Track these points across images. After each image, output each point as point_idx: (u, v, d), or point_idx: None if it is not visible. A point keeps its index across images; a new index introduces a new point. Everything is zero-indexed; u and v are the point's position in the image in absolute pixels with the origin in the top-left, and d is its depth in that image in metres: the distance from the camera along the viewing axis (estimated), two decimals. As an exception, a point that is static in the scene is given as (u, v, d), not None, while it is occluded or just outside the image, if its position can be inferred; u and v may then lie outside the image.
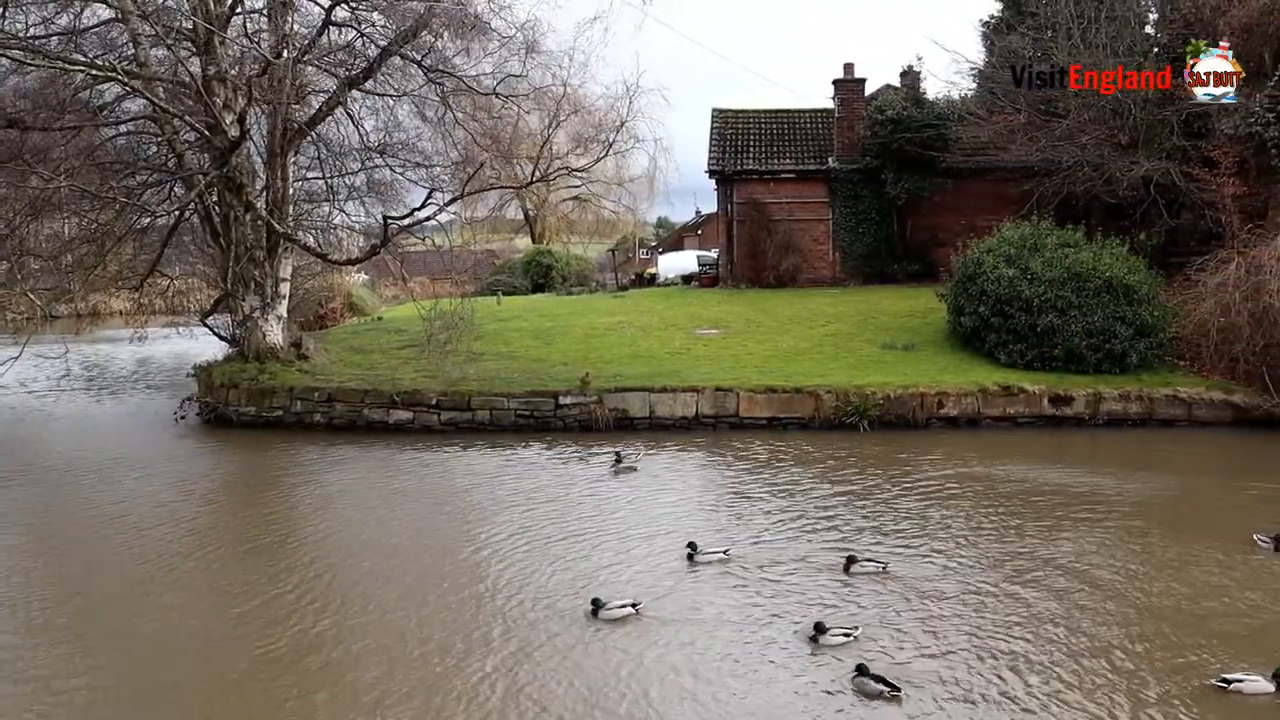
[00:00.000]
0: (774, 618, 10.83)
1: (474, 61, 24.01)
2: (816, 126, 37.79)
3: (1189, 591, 11.48)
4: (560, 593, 11.67)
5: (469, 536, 14.06)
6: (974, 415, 21.09)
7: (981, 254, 23.87)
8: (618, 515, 14.95)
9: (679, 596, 11.52)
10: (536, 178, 26.46)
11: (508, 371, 23.16)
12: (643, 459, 18.17)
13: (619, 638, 10.38)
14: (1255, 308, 20.89)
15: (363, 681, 9.48)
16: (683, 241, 70.58)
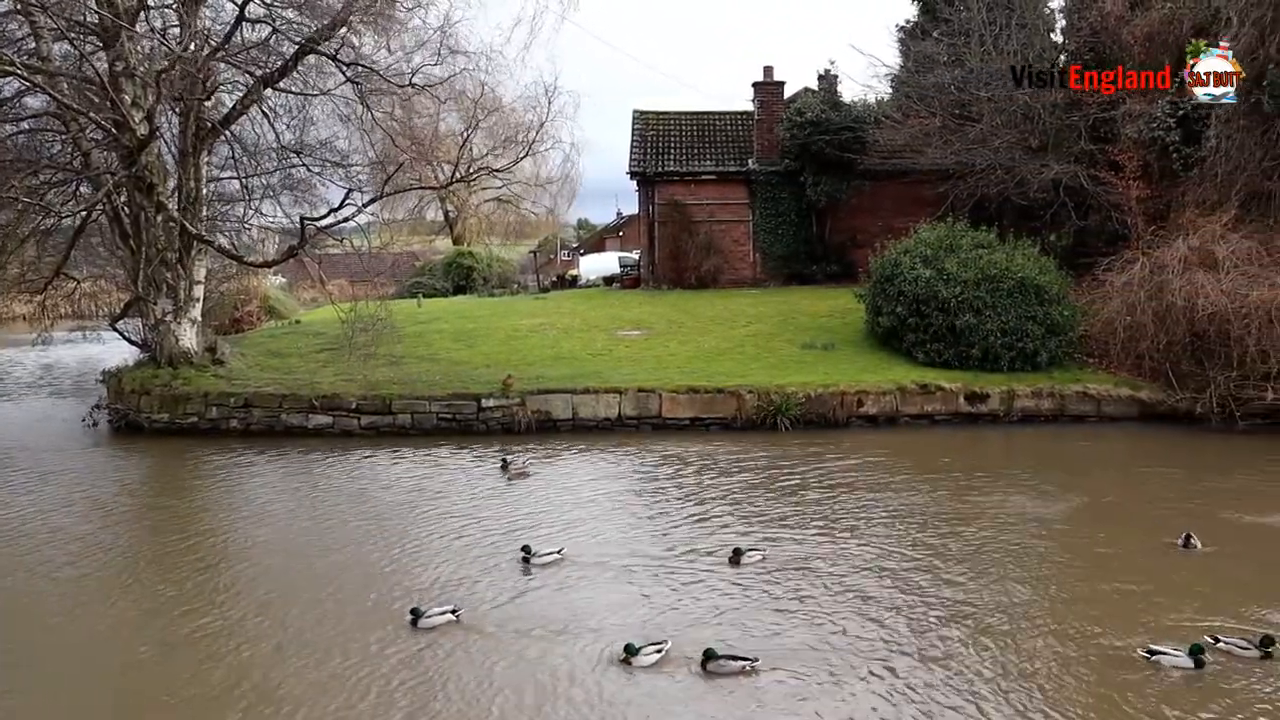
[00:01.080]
0: (591, 632, 10.44)
1: (393, 60, 23.77)
2: (737, 128, 38.11)
3: (1086, 577, 11.91)
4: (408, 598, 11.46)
5: (347, 540, 13.83)
6: (893, 413, 21.45)
7: (899, 255, 24.30)
8: (504, 518, 14.68)
9: (511, 601, 11.37)
10: (456, 178, 26.27)
11: (429, 374, 22.91)
12: (530, 463, 17.87)
13: (428, 644, 10.23)
14: (1159, 306, 21.61)
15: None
16: (604, 243, 70.55)
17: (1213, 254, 21.47)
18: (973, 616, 10.72)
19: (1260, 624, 10.32)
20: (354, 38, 22.90)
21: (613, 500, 15.78)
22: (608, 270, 47.03)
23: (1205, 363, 21.11)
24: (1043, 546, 13.21)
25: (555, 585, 11.84)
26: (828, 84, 36.31)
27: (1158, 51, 25.60)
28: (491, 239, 61.09)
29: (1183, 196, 23.95)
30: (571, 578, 12.09)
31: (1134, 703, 8.76)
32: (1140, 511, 14.89)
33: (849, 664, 9.61)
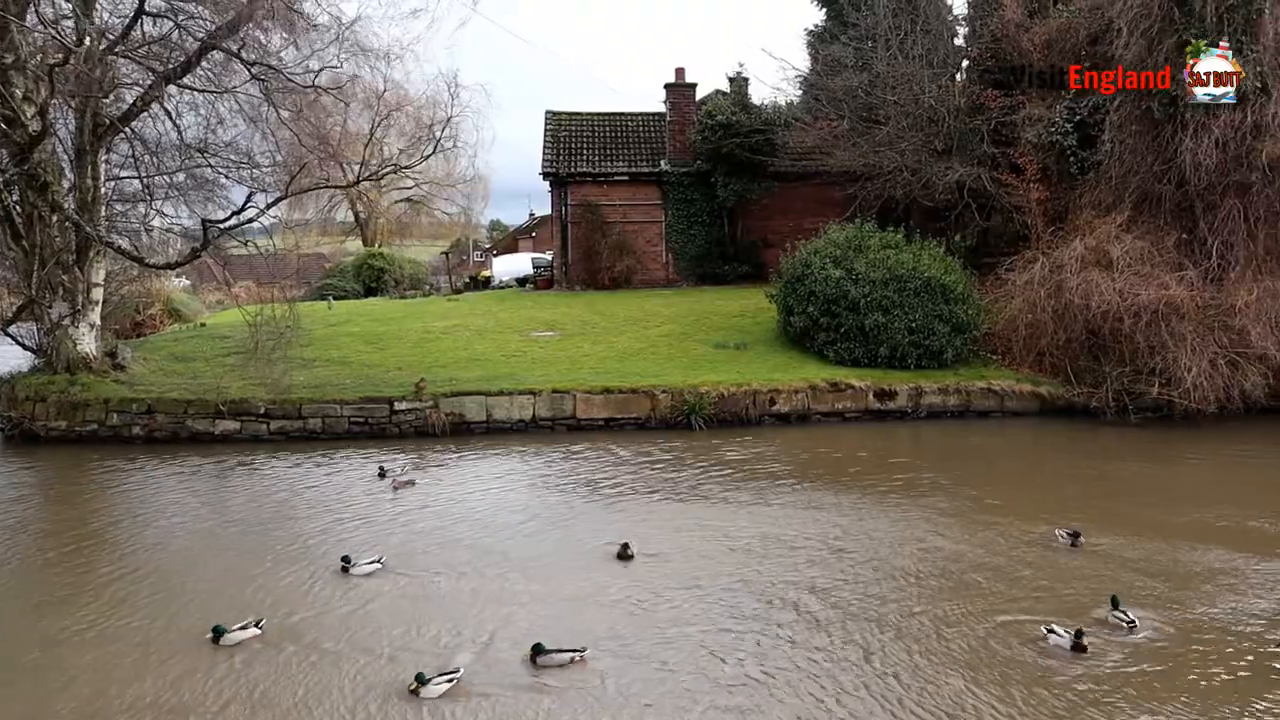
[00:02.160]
0: (400, 652, 10.01)
1: (300, 58, 23.32)
2: (649, 130, 38.28)
3: (960, 562, 12.36)
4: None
5: (198, 552, 13.43)
6: (804, 411, 21.78)
7: (809, 255, 24.67)
8: (372, 527, 14.40)
9: (330, 615, 11.00)
10: (364, 177, 25.89)
11: (340, 378, 22.58)
12: (408, 468, 17.49)
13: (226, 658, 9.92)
14: (1058, 305, 22.38)
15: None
16: (517, 244, 70.33)
17: (1108, 254, 22.26)
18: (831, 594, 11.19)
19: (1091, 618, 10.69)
20: (259, 34, 22.42)
21: (496, 505, 15.46)
22: (521, 271, 46.85)
23: (1101, 359, 21.90)
24: (928, 537, 13.54)
25: (365, 599, 11.38)
26: (738, 86, 36.68)
27: (1055, 58, 26.41)
28: (403, 240, 60.44)
29: (1080, 198, 24.75)
30: (392, 589, 11.72)
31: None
32: (1032, 504, 15.32)
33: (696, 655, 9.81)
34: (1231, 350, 20.89)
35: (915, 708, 8.71)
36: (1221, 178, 22.15)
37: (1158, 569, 12.18)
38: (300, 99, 22.90)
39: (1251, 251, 22.09)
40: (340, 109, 24.50)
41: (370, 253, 53.71)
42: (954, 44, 31.61)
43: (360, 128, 27.42)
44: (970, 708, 8.67)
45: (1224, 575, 11.97)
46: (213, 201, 24.80)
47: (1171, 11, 22.94)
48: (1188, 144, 22.12)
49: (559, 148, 37.31)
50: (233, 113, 24.03)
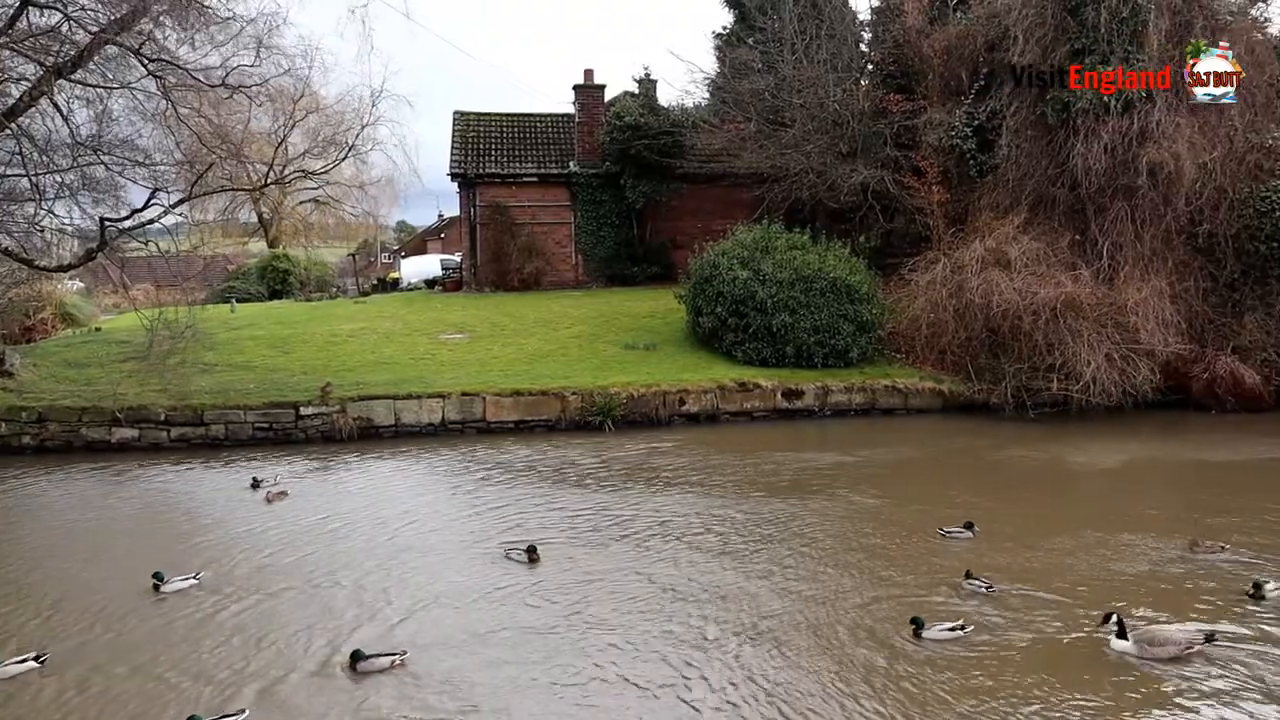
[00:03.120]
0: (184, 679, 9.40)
1: (201, 54, 22.68)
2: (558, 131, 38.19)
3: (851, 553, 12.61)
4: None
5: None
6: (713, 411, 21.96)
7: (717, 256, 24.89)
8: (230, 540, 13.86)
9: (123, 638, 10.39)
10: (271, 180, 25.36)
11: (243, 382, 22.06)
12: (280, 478, 16.82)
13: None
14: (959, 304, 22.97)
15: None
16: (426, 245, 69.56)
17: (1006, 254, 22.91)
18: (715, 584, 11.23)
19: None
20: (158, 30, 21.75)
21: (369, 516, 14.92)
22: (429, 273, 46.39)
23: (1000, 356, 22.51)
24: (821, 530, 13.80)
25: (167, 620, 10.81)
26: (646, 88, 36.83)
27: (955, 64, 27.09)
28: (309, 241, 59.30)
29: (979, 201, 25.41)
30: (195, 610, 11.09)
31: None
32: (928, 499, 15.68)
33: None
34: (1124, 346, 21.66)
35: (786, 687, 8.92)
36: (1110, 181, 22.98)
37: (1033, 550, 12.78)
38: (202, 96, 22.32)
39: (1139, 252, 22.94)
40: (244, 106, 23.93)
41: (275, 254, 52.57)
42: (858, 49, 32.21)
43: (264, 127, 26.88)
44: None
45: (1099, 550, 12.69)
46: (106, 202, 24.00)
47: (1065, 21, 23.73)
48: (1079, 149, 22.90)
49: (467, 148, 37.01)
50: (129, 109, 23.32)
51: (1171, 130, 22.66)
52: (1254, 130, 23.86)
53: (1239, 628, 10.19)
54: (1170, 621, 10.15)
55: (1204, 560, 12.30)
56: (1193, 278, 23.39)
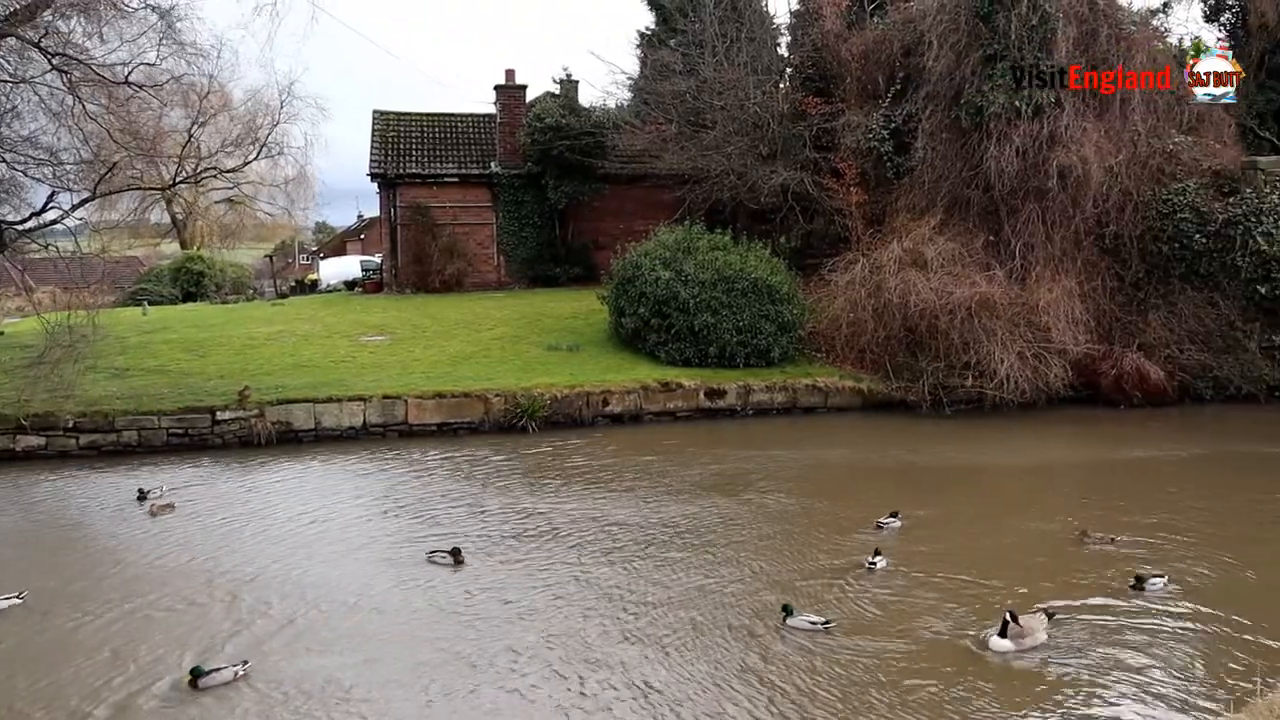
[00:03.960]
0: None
1: (109, 49, 22.07)
2: (479, 131, 37.95)
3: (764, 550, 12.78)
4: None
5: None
6: (637, 411, 22.01)
7: (639, 257, 24.95)
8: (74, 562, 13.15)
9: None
10: (181, 179, 24.78)
11: (157, 387, 21.45)
12: (165, 490, 15.99)
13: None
14: (877, 304, 23.36)
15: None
16: (345, 246, 68.67)
17: (923, 255, 23.35)
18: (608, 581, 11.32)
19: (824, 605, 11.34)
20: (62, 23, 21.09)
21: (266, 521, 14.56)
22: (349, 274, 45.81)
23: (918, 355, 22.93)
24: (730, 528, 13.98)
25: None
26: (567, 89, 36.81)
27: (872, 68, 27.54)
28: (223, 242, 58.13)
29: (896, 202, 25.86)
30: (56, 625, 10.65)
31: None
32: (842, 495, 16.00)
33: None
34: (1037, 345, 22.23)
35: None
36: (1022, 184, 23.57)
37: (937, 540, 13.22)
38: (110, 92, 21.71)
39: (1050, 253, 23.57)
40: (153, 104, 23.34)
41: (189, 256, 51.44)
42: (777, 52, 32.57)
43: (174, 124, 26.26)
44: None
45: (1000, 538, 13.17)
46: (8, 203, 23.24)
47: (977, 28, 24.30)
48: (992, 152, 23.47)
49: (387, 148, 36.59)
50: (33, 106, 22.60)
51: (1079, 135, 23.34)
52: (1156, 135, 24.67)
53: (1110, 617, 10.54)
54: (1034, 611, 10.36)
55: (1095, 550, 12.74)
56: (1100, 277, 24.11)
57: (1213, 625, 10.31)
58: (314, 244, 79.97)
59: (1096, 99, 24.33)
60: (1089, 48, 24.45)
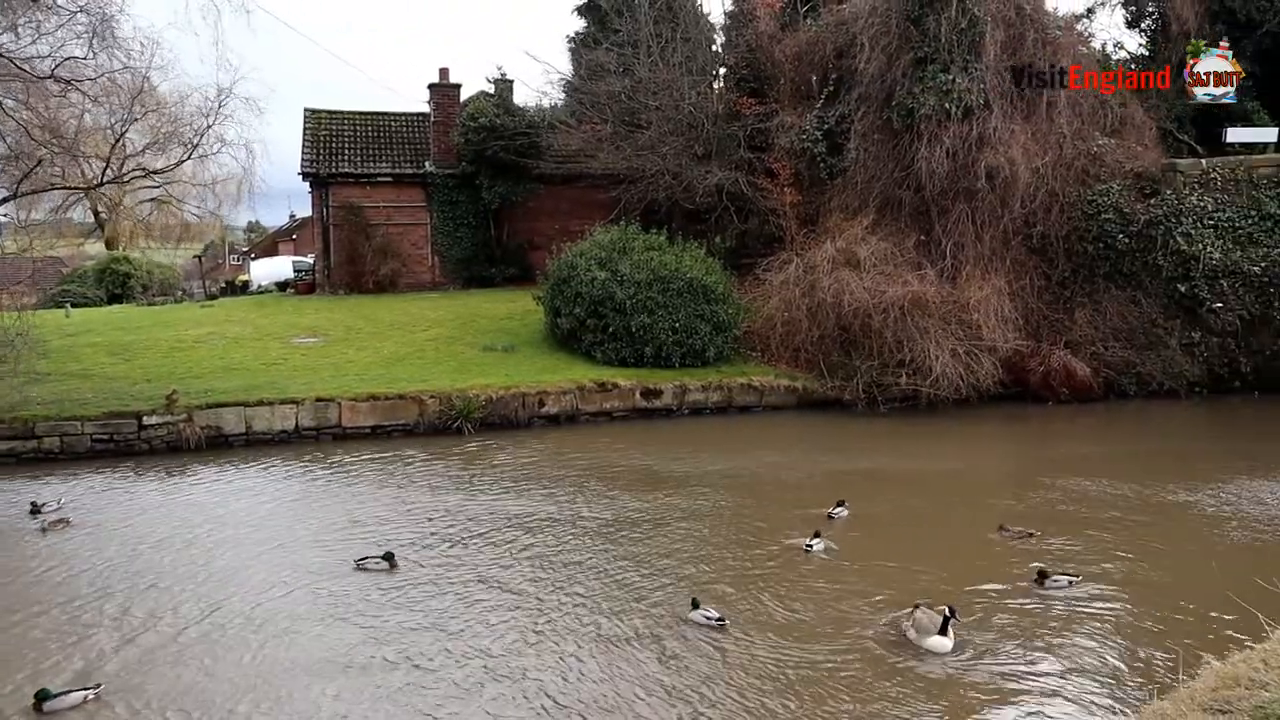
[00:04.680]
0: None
1: (26, 42, 21.40)
2: (413, 131, 37.56)
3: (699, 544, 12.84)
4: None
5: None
6: (573, 412, 21.93)
7: (575, 257, 24.89)
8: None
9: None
10: (107, 178, 24.14)
11: (80, 392, 20.86)
12: (63, 504, 15.23)
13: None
14: (811, 303, 23.56)
15: None
16: (277, 247, 67.58)
17: (856, 255, 23.60)
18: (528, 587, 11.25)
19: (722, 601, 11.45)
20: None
21: (181, 528, 14.14)
22: (281, 275, 45.16)
23: (852, 353, 23.16)
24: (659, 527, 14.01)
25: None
26: (502, 88, 36.58)
27: (805, 69, 27.78)
28: (151, 243, 56.81)
29: (830, 202, 26.11)
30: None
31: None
32: (775, 492, 16.13)
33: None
34: (968, 342, 22.58)
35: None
36: (952, 184, 23.92)
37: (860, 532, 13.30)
38: (30, 88, 21.09)
39: (979, 252, 23.95)
40: (78, 100, 22.71)
41: (114, 257, 50.16)
42: (712, 53, 32.70)
43: (102, 122, 25.56)
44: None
45: (921, 530, 13.15)
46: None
47: (908, 30, 24.62)
48: (923, 153, 23.77)
49: (319, 147, 36.06)
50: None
51: (1007, 136, 23.74)
52: (1081, 138, 25.19)
53: (1019, 614, 10.75)
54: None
55: (1013, 545, 13.00)
56: (1028, 276, 24.56)
57: (1130, 617, 10.58)
58: (245, 244, 78.60)
59: (1024, 101, 24.80)
60: (1016, 51, 24.89)
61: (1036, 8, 25.86)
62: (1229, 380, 24.33)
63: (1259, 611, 8.20)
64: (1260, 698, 5.21)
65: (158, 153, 26.46)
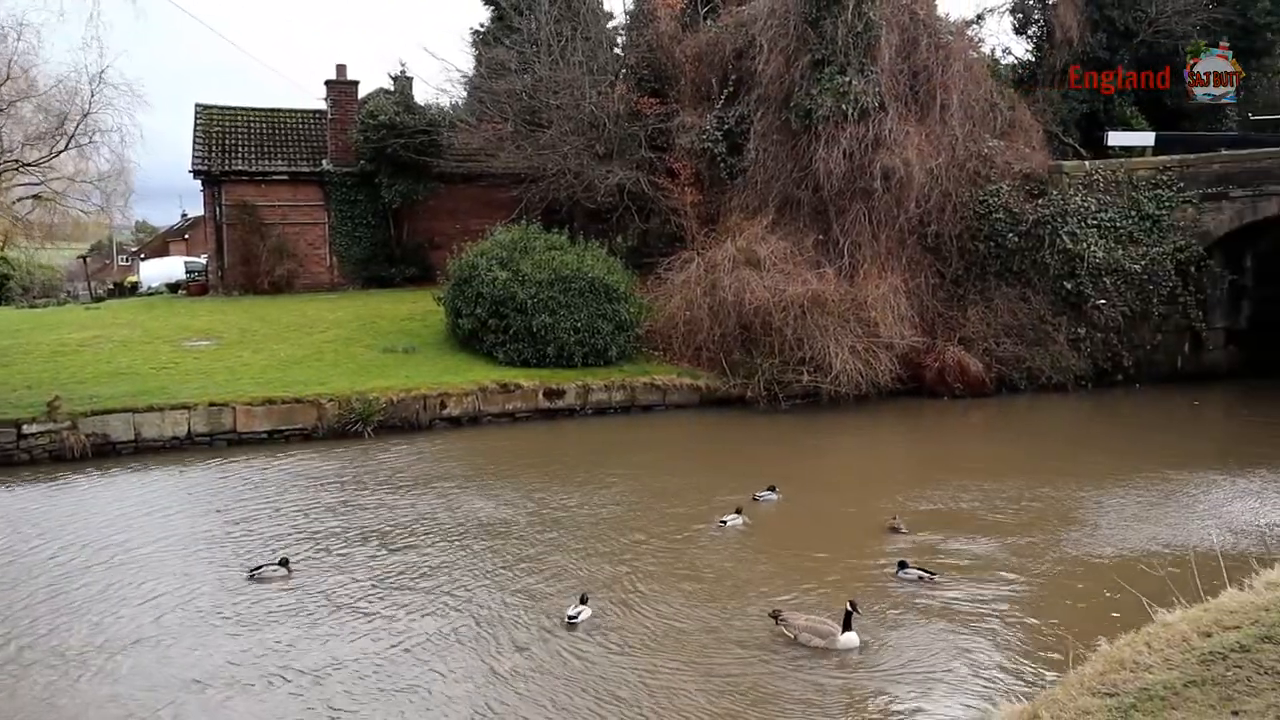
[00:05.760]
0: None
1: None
2: (310, 128, 36.79)
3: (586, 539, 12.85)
4: None
5: None
6: (475, 413, 21.72)
7: (476, 257, 24.65)
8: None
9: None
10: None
11: (-49, 399, 19.95)
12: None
13: None
14: (713, 302, 23.74)
15: None
16: (169, 247, 65.63)
17: (756, 254, 23.86)
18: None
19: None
20: None
21: (47, 543, 13.40)
22: (172, 276, 43.89)
23: (753, 351, 23.41)
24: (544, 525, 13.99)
25: None
26: (402, 86, 36.05)
27: (705, 70, 28.00)
28: (30, 242, 54.63)
29: (730, 202, 26.37)
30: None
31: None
32: (675, 491, 16.05)
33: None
34: (866, 340, 23.01)
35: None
36: (850, 184, 24.35)
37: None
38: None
39: (876, 251, 24.43)
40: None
41: (-9, 257, 48.19)
42: (613, 52, 32.72)
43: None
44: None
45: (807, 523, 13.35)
46: None
47: (806, 33, 24.99)
48: (821, 153, 24.15)
49: (212, 144, 35.07)
50: None
51: (902, 138, 24.26)
52: (973, 140, 25.89)
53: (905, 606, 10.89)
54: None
55: (901, 536, 13.27)
56: (924, 274, 25.15)
57: (1023, 607, 10.81)
58: (134, 244, 76.18)
59: (918, 104, 25.38)
60: (910, 55, 25.48)
61: (929, 13, 26.53)
62: (1112, 374, 25.31)
63: (1143, 596, 8.49)
64: (1144, 680, 5.37)
65: (33, 145, 25.46)
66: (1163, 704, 4.99)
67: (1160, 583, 9.53)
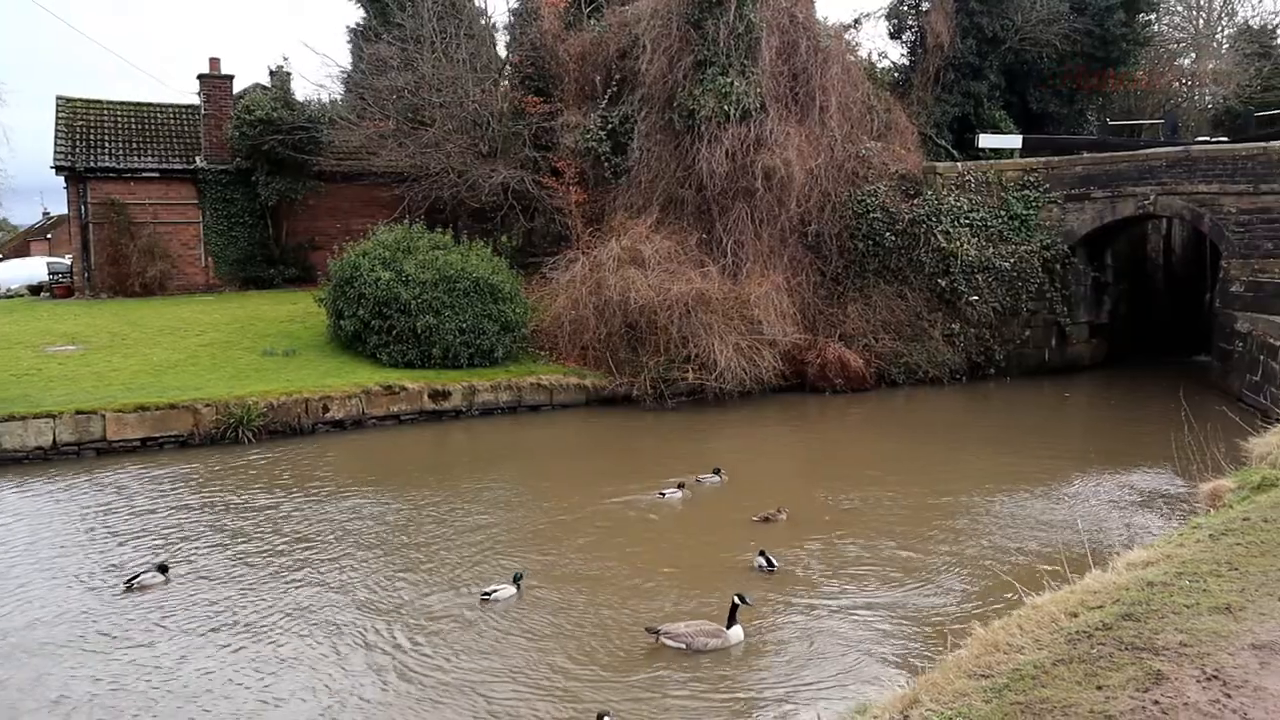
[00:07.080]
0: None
1: None
2: (182, 123, 35.51)
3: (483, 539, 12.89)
4: None
5: None
6: (359, 416, 21.35)
7: (358, 257, 24.20)
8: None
9: None
10: None
11: None
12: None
13: None
14: (599, 301, 23.81)
15: None
16: (30, 247, 62.78)
17: (641, 253, 24.01)
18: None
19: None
20: None
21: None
22: (34, 278, 41.85)
23: (639, 350, 23.59)
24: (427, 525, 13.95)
25: None
26: (280, 81, 35.11)
27: (589, 69, 28.03)
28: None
29: (614, 201, 26.47)
30: None
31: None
32: (555, 490, 16.21)
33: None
34: (750, 337, 23.38)
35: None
36: (732, 184, 24.73)
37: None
38: None
39: (759, 250, 24.86)
40: None
41: None
42: (497, 50, 32.50)
43: None
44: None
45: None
46: None
47: (688, 33, 25.27)
48: (703, 153, 24.48)
49: (76, 139, 33.56)
50: None
51: (783, 139, 24.74)
52: (851, 141, 26.55)
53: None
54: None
55: (774, 525, 13.70)
56: (805, 273, 25.70)
57: (903, 597, 11.17)
58: (-8, 244, 72.54)
59: (798, 105, 25.89)
60: (790, 57, 25.99)
61: (809, 16, 27.10)
62: (984, 367, 26.28)
63: (1017, 581, 8.86)
64: (1016, 660, 5.63)
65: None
66: (1033, 683, 5.23)
67: (1035, 571, 9.97)
